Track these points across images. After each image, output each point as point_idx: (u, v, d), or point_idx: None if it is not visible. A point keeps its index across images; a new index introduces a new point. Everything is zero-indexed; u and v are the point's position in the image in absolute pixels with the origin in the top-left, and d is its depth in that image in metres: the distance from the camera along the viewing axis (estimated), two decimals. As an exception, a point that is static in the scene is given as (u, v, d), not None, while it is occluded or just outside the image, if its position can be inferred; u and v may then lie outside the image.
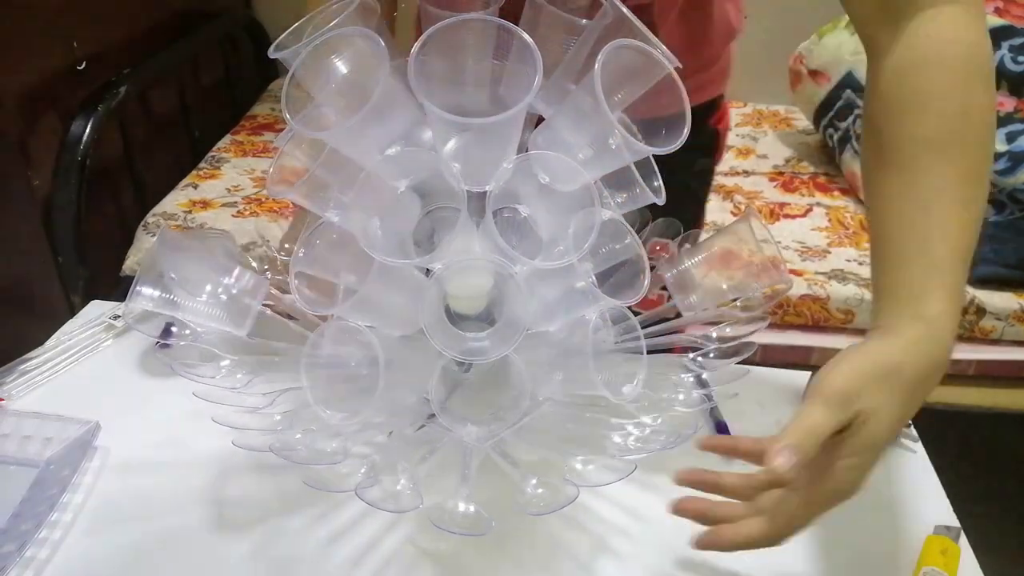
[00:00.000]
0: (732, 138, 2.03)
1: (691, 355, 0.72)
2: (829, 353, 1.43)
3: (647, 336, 0.64)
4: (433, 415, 0.58)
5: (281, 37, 0.56)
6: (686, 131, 0.53)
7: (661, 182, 0.61)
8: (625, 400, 0.59)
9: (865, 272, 1.46)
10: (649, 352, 0.62)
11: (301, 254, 0.57)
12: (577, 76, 0.60)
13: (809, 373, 0.81)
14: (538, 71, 0.50)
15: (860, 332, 1.44)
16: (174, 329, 0.71)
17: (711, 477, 0.57)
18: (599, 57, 0.51)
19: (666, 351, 0.72)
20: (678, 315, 0.70)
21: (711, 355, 0.72)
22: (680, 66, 0.54)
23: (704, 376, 0.72)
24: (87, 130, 1.48)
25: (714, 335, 0.72)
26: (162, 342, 0.79)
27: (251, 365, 0.68)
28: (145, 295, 0.65)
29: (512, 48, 0.56)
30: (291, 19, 0.57)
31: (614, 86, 0.55)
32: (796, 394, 0.80)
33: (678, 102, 0.53)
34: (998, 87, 1.60)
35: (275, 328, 0.69)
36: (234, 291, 0.67)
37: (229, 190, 1.73)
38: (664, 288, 0.70)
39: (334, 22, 0.55)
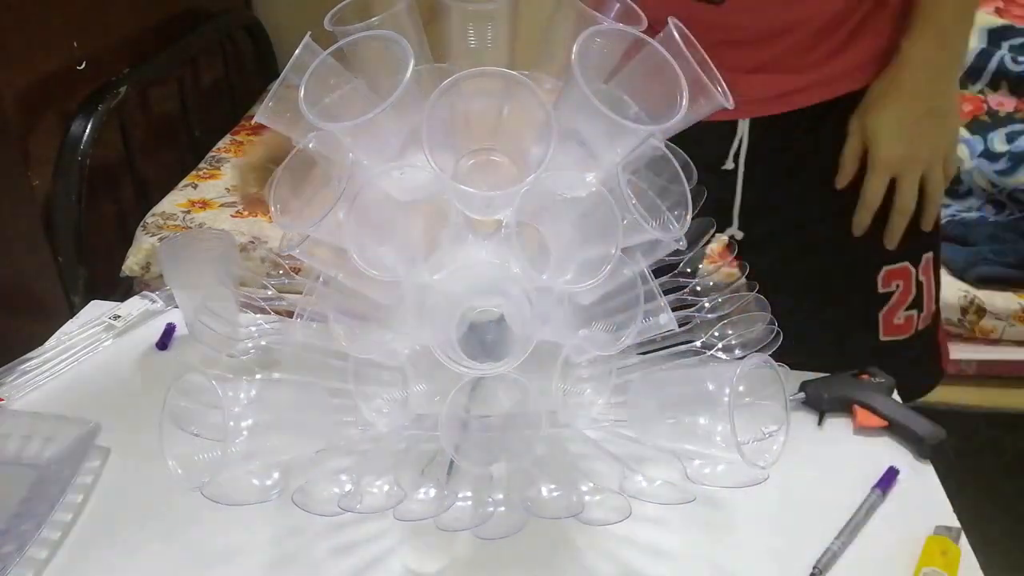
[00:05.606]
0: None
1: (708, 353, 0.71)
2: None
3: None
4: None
5: (340, 7, 0.56)
6: (683, 104, 0.52)
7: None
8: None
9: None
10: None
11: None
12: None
13: (809, 374, 0.81)
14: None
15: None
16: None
17: None
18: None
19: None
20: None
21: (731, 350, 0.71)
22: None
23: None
24: (87, 130, 1.48)
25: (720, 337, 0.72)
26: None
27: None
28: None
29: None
30: (291, 19, 0.57)
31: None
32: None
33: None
34: (998, 87, 1.60)
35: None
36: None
37: (228, 190, 1.73)
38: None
39: (377, 18, 0.56)
